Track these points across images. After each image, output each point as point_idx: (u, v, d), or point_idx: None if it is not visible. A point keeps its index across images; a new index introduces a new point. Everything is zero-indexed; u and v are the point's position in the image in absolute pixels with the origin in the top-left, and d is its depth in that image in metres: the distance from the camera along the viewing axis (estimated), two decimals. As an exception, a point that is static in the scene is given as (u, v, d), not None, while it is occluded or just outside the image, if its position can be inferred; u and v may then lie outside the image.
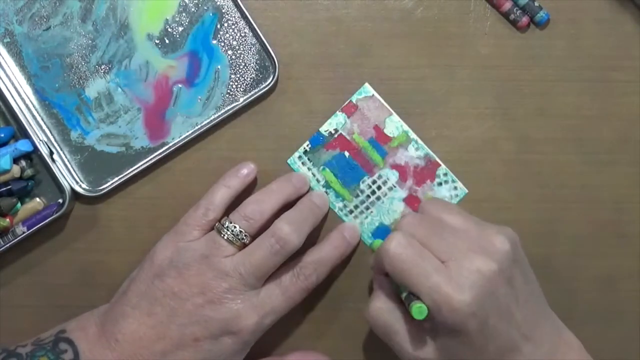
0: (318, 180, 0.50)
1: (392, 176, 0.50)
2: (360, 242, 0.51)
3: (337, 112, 0.50)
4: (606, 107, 0.51)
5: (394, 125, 0.50)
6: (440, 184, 0.50)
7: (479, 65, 0.51)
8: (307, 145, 0.50)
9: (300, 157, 0.50)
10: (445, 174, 0.50)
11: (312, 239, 0.50)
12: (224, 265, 0.45)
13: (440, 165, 0.50)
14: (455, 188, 0.50)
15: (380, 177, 0.50)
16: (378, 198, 0.50)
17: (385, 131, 0.50)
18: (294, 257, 0.47)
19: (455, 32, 0.51)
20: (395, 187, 0.50)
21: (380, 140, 0.50)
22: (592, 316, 0.50)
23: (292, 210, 0.47)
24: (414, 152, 0.50)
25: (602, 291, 0.51)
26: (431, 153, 0.50)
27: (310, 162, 0.50)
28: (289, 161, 0.50)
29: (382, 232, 0.51)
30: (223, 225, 0.46)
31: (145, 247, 0.50)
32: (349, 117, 0.50)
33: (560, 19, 0.50)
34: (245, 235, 0.45)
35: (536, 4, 0.50)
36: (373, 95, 0.50)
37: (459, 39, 0.51)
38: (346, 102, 0.50)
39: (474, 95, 0.51)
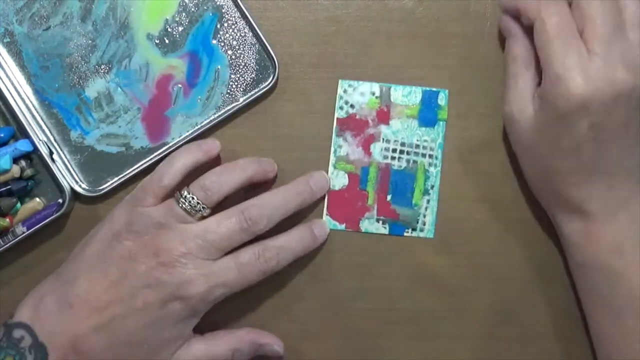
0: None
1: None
2: (325, 241, 0.50)
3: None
4: (606, 107, 0.51)
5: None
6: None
7: (479, 65, 0.51)
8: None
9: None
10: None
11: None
12: (184, 230, 0.44)
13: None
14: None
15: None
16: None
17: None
18: (258, 237, 0.46)
19: (455, 32, 0.51)
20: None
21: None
22: (592, 316, 0.50)
23: (270, 193, 0.47)
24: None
25: (602, 291, 0.51)
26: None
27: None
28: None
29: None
30: (181, 195, 0.45)
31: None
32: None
33: (560, 19, 0.51)
34: (202, 207, 0.45)
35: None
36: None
37: (459, 39, 0.51)
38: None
39: (474, 95, 0.51)
